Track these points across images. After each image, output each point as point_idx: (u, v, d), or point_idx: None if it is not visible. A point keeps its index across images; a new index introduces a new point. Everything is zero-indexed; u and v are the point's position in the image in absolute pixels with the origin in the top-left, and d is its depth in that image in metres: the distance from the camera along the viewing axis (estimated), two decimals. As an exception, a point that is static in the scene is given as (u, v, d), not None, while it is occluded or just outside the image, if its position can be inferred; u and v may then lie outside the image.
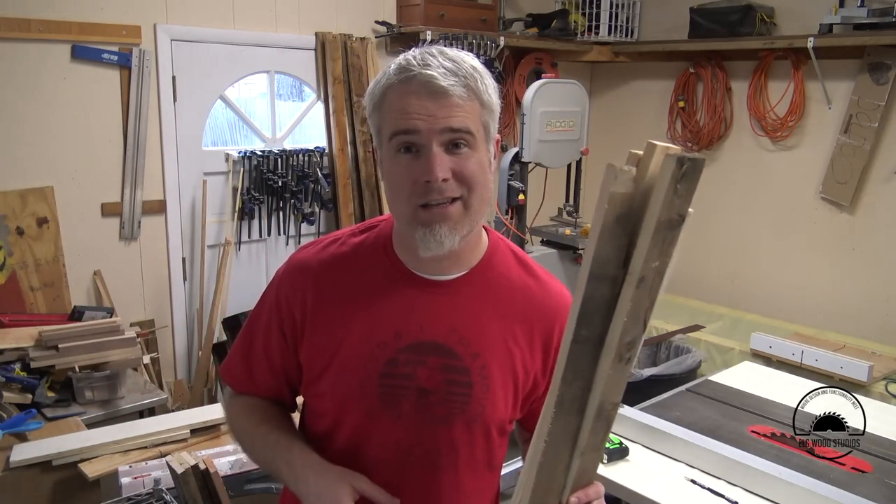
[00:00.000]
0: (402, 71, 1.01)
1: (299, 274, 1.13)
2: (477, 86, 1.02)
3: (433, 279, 1.10)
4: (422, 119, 0.99)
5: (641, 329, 0.81)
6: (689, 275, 4.26)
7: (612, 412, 0.84)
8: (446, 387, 1.08)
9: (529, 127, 3.35)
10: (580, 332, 0.81)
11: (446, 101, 0.99)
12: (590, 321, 0.80)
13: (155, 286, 3.19)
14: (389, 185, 1.05)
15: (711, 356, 3.41)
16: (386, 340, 1.07)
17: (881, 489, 1.73)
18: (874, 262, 3.53)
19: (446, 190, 1.00)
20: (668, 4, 4.20)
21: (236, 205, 3.34)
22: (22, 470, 1.96)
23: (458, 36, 3.64)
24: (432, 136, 0.99)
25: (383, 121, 1.03)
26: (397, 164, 1.02)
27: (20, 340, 2.39)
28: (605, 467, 1.85)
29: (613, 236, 0.77)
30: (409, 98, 1.00)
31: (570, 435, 0.86)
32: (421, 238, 1.02)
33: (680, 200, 0.74)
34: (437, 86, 0.99)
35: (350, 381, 1.08)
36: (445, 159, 1.00)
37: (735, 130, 4.02)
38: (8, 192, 2.75)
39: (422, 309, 1.09)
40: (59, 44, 2.82)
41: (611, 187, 0.76)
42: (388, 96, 1.02)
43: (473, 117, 1.02)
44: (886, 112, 3.39)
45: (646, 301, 0.78)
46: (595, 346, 0.82)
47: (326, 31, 3.49)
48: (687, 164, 0.72)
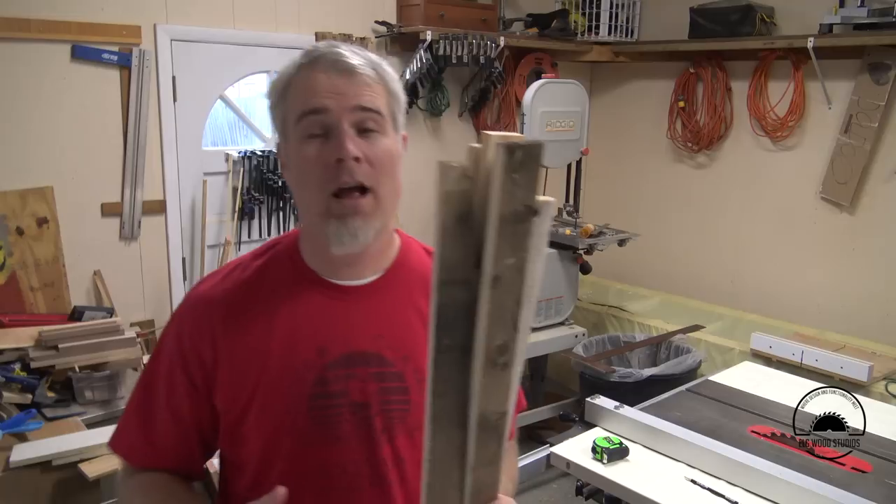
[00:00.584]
0: (307, 55, 0.99)
1: (203, 309, 1.03)
2: (383, 72, 1.00)
3: (349, 285, 1.04)
4: (330, 97, 0.95)
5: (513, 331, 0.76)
6: (689, 275, 4.26)
7: (499, 422, 0.79)
8: (382, 396, 1.02)
9: (529, 127, 3.35)
10: (442, 342, 0.77)
11: (355, 78, 0.97)
12: (450, 329, 0.76)
13: (155, 286, 3.19)
14: (298, 175, 0.99)
15: (711, 356, 3.41)
16: (310, 358, 1.00)
17: (881, 489, 1.73)
18: (874, 262, 3.53)
19: (357, 172, 0.95)
20: (668, 4, 4.20)
21: (236, 205, 3.34)
22: (22, 470, 1.96)
23: (458, 36, 3.64)
24: (342, 115, 0.95)
25: (289, 108, 0.99)
26: (306, 150, 0.97)
27: (20, 340, 2.39)
28: (605, 467, 1.85)
29: (457, 237, 0.74)
30: (317, 76, 0.96)
31: (456, 450, 0.81)
32: (334, 232, 0.97)
33: (522, 191, 0.69)
34: (346, 63, 0.96)
35: (277, 409, 0.99)
36: (357, 140, 0.96)
37: (735, 130, 4.02)
38: (8, 192, 2.75)
39: (343, 319, 1.02)
40: (59, 44, 2.81)
41: (443, 186, 0.72)
42: (293, 82, 0.99)
43: (382, 101, 0.99)
44: (886, 112, 3.39)
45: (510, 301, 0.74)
46: (463, 354, 0.77)
47: (326, 31, 3.49)
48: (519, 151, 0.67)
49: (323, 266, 1.04)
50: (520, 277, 0.73)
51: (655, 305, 4.19)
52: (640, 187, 4.49)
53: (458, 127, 4.11)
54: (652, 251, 4.33)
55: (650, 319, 3.85)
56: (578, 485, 1.91)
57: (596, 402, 2.12)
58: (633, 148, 4.50)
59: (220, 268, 1.11)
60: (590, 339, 3.64)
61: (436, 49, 3.59)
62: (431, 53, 3.60)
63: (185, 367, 1.02)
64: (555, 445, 1.99)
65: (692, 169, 4.26)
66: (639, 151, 4.47)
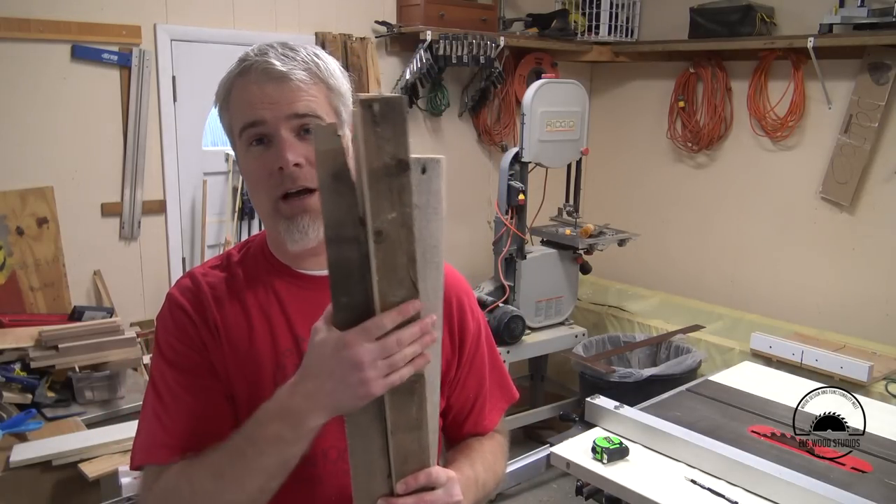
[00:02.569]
0: (240, 63, 1.00)
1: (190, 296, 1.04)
2: (319, 69, 1.00)
3: (320, 275, 1.06)
4: (265, 108, 0.97)
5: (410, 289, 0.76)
6: (689, 275, 4.26)
7: (416, 384, 0.79)
8: None
9: (529, 127, 3.35)
10: (339, 300, 0.78)
11: (287, 85, 0.97)
12: (345, 287, 0.77)
13: (155, 286, 3.19)
14: (247, 181, 1.03)
15: (711, 356, 3.41)
16: (289, 347, 1.02)
17: (881, 489, 1.73)
18: (874, 262, 3.53)
19: (300, 177, 0.98)
20: (668, 4, 4.20)
21: (236, 205, 3.34)
22: (22, 470, 1.96)
23: (458, 36, 3.64)
24: (279, 124, 0.97)
25: (232, 117, 1.01)
26: (250, 157, 1.00)
27: (20, 340, 2.39)
28: (605, 467, 1.85)
29: (337, 195, 0.75)
30: (250, 88, 0.98)
31: (373, 414, 0.81)
32: (285, 231, 1.00)
33: (390, 144, 0.69)
34: (275, 71, 0.97)
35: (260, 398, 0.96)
36: (297, 145, 0.98)
37: (735, 130, 4.02)
38: (8, 192, 2.75)
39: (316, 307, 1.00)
40: (59, 44, 2.81)
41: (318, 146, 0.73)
42: (231, 92, 1.01)
43: (320, 101, 1.00)
44: (886, 112, 3.39)
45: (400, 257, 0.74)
46: (364, 313, 0.78)
47: (326, 30, 3.49)
48: (378, 104, 0.68)
49: (290, 259, 1.07)
50: (407, 233, 0.74)
51: (655, 305, 4.19)
52: (640, 187, 4.49)
53: (458, 127, 4.11)
54: (652, 251, 4.33)
55: (650, 319, 3.85)
56: (578, 485, 1.91)
57: (596, 402, 2.12)
58: (633, 148, 4.50)
59: (196, 266, 1.13)
60: (590, 339, 3.64)
61: (436, 49, 3.59)
62: (431, 53, 3.60)
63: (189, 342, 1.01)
64: (555, 445, 1.99)
65: (692, 169, 4.26)
66: (639, 151, 4.47)
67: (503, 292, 3.41)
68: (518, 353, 3.43)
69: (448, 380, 1.13)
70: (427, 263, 0.80)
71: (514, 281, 3.45)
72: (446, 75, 3.87)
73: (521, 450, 2.02)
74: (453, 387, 1.15)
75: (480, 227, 4.09)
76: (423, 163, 0.76)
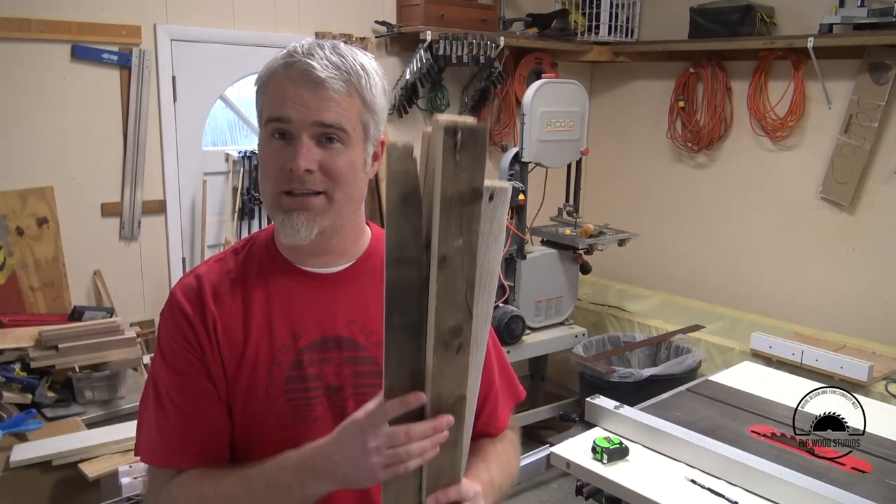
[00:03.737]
0: (286, 56, 1.01)
1: (191, 296, 1.06)
2: (360, 83, 1.01)
3: (321, 272, 1.08)
4: (295, 108, 0.98)
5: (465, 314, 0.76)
6: (689, 275, 4.26)
7: (457, 405, 0.80)
8: (355, 380, 1.05)
9: (529, 127, 3.35)
10: (392, 318, 0.78)
11: (322, 92, 0.98)
12: (401, 307, 0.78)
13: (155, 286, 3.19)
14: (260, 168, 1.05)
15: (711, 356, 3.41)
16: (286, 343, 1.04)
17: (881, 489, 1.73)
18: (874, 262, 3.53)
19: (308, 182, 0.99)
20: (668, 4, 4.20)
21: (236, 205, 3.34)
22: (22, 470, 1.96)
23: (458, 36, 3.64)
24: (303, 128, 0.98)
25: (263, 104, 1.03)
26: (269, 148, 1.02)
27: (20, 340, 2.39)
28: (605, 467, 1.85)
29: (404, 217, 0.75)
30: (287, 85, 0.99)
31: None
32: (280, 224, 1.02)
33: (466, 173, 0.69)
34: (314, 76, 0.98)
35: (257, 393, 1.02)
36: (314, 151, 0.99)
37: (735, 130, 4.02)
38: (8, 192, 2.75)
39: (316, 304, 1.06)
40: (59, 44, 2.81)
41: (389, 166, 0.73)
42: (271, 80, 1.02)
43: (350, 114, 1.00)
44: (886, 112, 3.39)
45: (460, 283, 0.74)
46: (416, 334, 0.79)
47: (326, 30, 3.49)
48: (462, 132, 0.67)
49: (294, 255, 1.08)
50: (470, 260, 0.73)
51: (655, 305, 4.19)
52: (639, 187, 4.49)
53: (458, 127, 4.10)
54: (652, 251, 4.33)
55: (650, 319, 3.85)
56: (578, 485, 1.91)
57: (596, 402, 2.13)
58: (633, 148, 4.50)
59: (203, 261, 1.14)
60: (590, 339, 3.64)
61: (436, 49, 3.59)
62: (431, 53, 3.60)
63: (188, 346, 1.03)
64: (555, 445, 1.99)
65: (692, 169, 4.26)
66: (639, 151, 4.47)
67: (503, 292, 3.41)
68: (518, 353, 3.43)
69: None
70: (482, 289, 0.80)
71: (514, 281, 3.45)
72: (446, 75, 3.87)
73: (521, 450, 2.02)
74: None
75: (480, 227, 4.09)
76: (491, 190, 0.75)
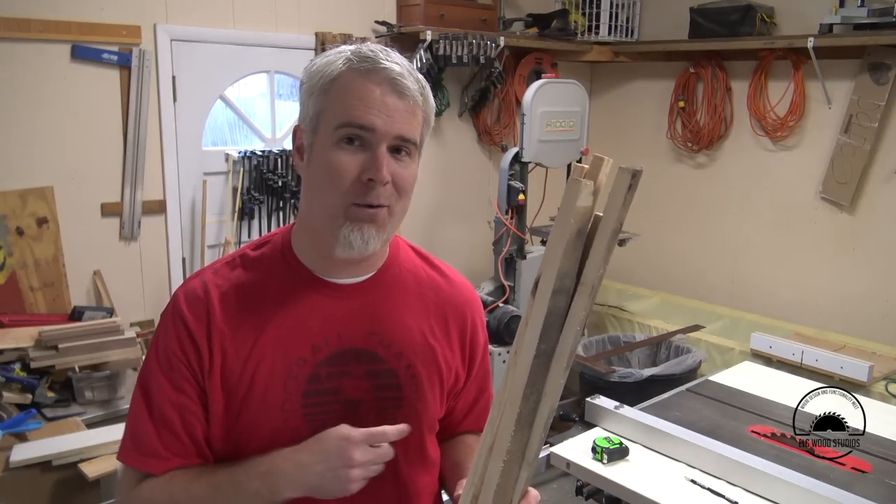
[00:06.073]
0: (365, 59, 0.95)
1: (194, 304, 1.01)
2: (427, 97, 1.00)
3: (342, 283, 1.04)
4: (381, 117, 0.94)
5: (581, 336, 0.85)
6: (689, 275, 4.26)
7: (550, 420, 0.85)
8: (375, 393, 1.02)
9: (529, 127, 3.35)
10: (540, 347, 0.81)
11: (405, 103, 0.95)
12: (548, 335, 0.81)
13: (155, 286, 3.19)
14: (322, 175, 0.97)
15: (711, 356, 3.41)
16: (304, 356, 1.00)
17: (881, 489, 1.73)
18: (874, 262, 3.53)
19: (382, 194, 0.95)
20: (668, 4, 4.20)
21: (236, 205, 3.34)
22: (22, 470, 1.96)
23: (458, 36, 3.64)
24: (384, 139, 0.94)
25: (331, 105, 0.96)
26: (338, 154, 0.95)
27: (20, 340, 2.39)
28: (606, 467, 1.85)
29: (574, 249, 0.79)
30: (372, 89, 0.94)
31: (522, 449, 0.86)
32: (346, 235, 0.96)
33: (625, 210, 0.77)
34: (402, 84, 0.95)
35: (272, 407, 0.98)
36: (391, 163, 0.96)
37: (735, 130, 4.02)
38: (8, 192, 2.75)
39: (336, 316, 1.02)
40: (59, 44, 2.81)
41: (576, 202, 0.77)
42: (343, 80, 0.95)
43: (418, 129, 0.99)
44: (886, 112, 3.39)
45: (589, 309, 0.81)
46: (549, 359, 0.82)
47: (326, 30, 3.49)
48: (636, 175, 0.75)
49: (316, 264, 1.04)
50: (598, 288, 0.81)
51: (655, 305, 4.19)
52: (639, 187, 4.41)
53: (458, 127, 4.11)
54: (652, 251, 4.33)
55: (650, 319, 3.85)
56: (578, 485, 1.91)
57: (596, 402, 2.13)
58: (633, 148, 4.50)
59: (210, 263, 1.09)
60: (590, 339, 3.64)
61: (436, 49, 3.59)
62: (431, 53, 3.59)
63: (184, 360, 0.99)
64: (555, 445, 1.99)
65: (692, 169, 4.26)
66: (639, 151, 4.47)
67: (503, 292, 3.41)
68: (518, 353, 3.42)
69: (456, 390, 1.14)
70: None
71: (514, 281, 3.45)
72: (446, 75, 3.87)
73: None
74: (458, 396, 1.16)
75: (480, 227, 4.09)
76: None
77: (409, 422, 1.02)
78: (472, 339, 1.14)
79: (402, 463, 1.05)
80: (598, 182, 0.79)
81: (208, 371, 0.99)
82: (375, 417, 1.02)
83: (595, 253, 0.78)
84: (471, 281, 1.25)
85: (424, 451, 1.10)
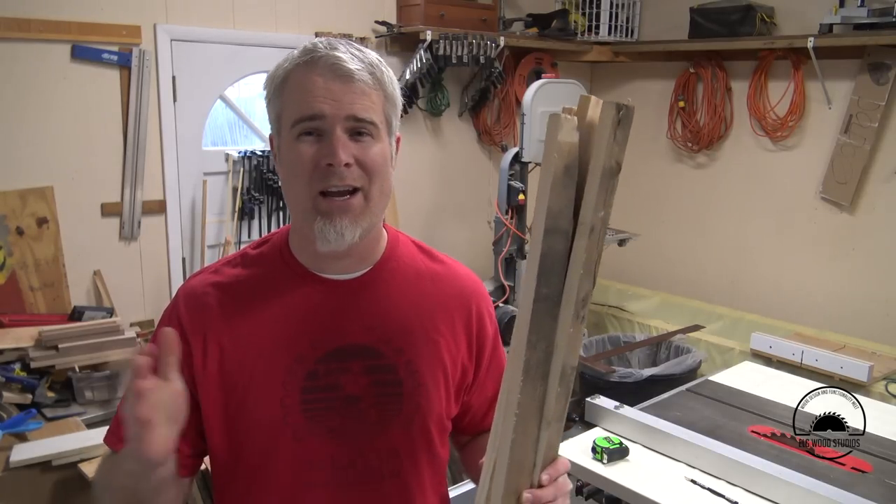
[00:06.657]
0: (306, 53, 0.98)
1: (195, 303, 1.03)
2: (382, 76, 1.00)
3: (339, 279, 1.04)
4: (327, 103, 0.95)
5: (592, 283, 0.80)
6: (689, 275, 4.26)
7: (571, 377, 0.82)
8: (375, 389, 1.02)
9: (529, 127, 3.35)
10: (541, 290, 0.79)
11: (352, 85, 0.96)
12: (548, 278, 0.79)
13: (155, 286, 3.19)
14: (289, 172, 0.99)
15: (711, 356, 3.41)
16: (302, 353, 1.00)
17: (881, 489, 1.73)
18: (874, 262, 3.53)
19: (347, 176, 0.96)
20: (668, 4, 4.20)
21: (236, 205, 3.34)
22: (22, 470, 1.96)
23: (458, 36, 3.64)
24: (336, 122, 0.95)
25: (285, 105, 0.99)
26: (298, 148, 0.97)
27: (20, 340, 2.39)
28: (605, 467, 1.85)
29: (563, 188, 0.77)
30: (314, 79, 0.96)
31: (538, 405, 0.83)
32: (320, 230, 0.97)
33: (618, 148, 0.76)
34: (343, 68, 0.95)
35: (271, 403, 0.99)
36: (349, 145, 0.96)
37: (735, 130, 4.02)
38: (8, 192, 2.75)
39: (334, 312, 1.03)
40: (59, 44, 2.81)
41: (558, 136, 0.76)
42: (290, 79, 0.98)
43: (377, 108, 0.99)
44: (886, 112, 3.39)
45: (594, 253, 0.78)
46: (554, 305, 0.80)
47: (326, 30, 3.49)
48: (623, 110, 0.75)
49: (311, 261, 1.05)
50: (604, 231, 0.79)
51: (655, 305, 4.18)
52: (640, 187, 4.49)
53: (458, 127, 4.11)
54: (652, 251, 4.33)
55: (650, 319, 3.85)
56: (578, 485, 1.91)
57: (596, 402, 2.13)
58: (633, 148, 4.43)
59: (211, 263, 1.10)
60: (590, 339, 3.64)
61: (436, 49, 3.59)
62: (431, 53, 3.59)
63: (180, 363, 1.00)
64: (555, 445, 1.99)
65: (692, 169, 4.26)
66: (639, 151, 4.47)
67: (503, 292, 3.41)
68: (518, 353, 3.42)
69: (466, 385, 1.12)
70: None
71: (514, 281, 3.45)
72: (446, 75, 3.87)
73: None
74: (472, 390, 1.15)
75: (480, 227, 4.09)
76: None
77: (412, 418, 1.02)
78: (479, 331, 1.13)
79: (405, 466, 1.05)
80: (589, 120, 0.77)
81: (202, 369, 1.00)
82: (377, 413, 1.02)
83: (589, 191, 0.76)
84: (471, 280, 1.24)
85: (432, 448, 1.09)
